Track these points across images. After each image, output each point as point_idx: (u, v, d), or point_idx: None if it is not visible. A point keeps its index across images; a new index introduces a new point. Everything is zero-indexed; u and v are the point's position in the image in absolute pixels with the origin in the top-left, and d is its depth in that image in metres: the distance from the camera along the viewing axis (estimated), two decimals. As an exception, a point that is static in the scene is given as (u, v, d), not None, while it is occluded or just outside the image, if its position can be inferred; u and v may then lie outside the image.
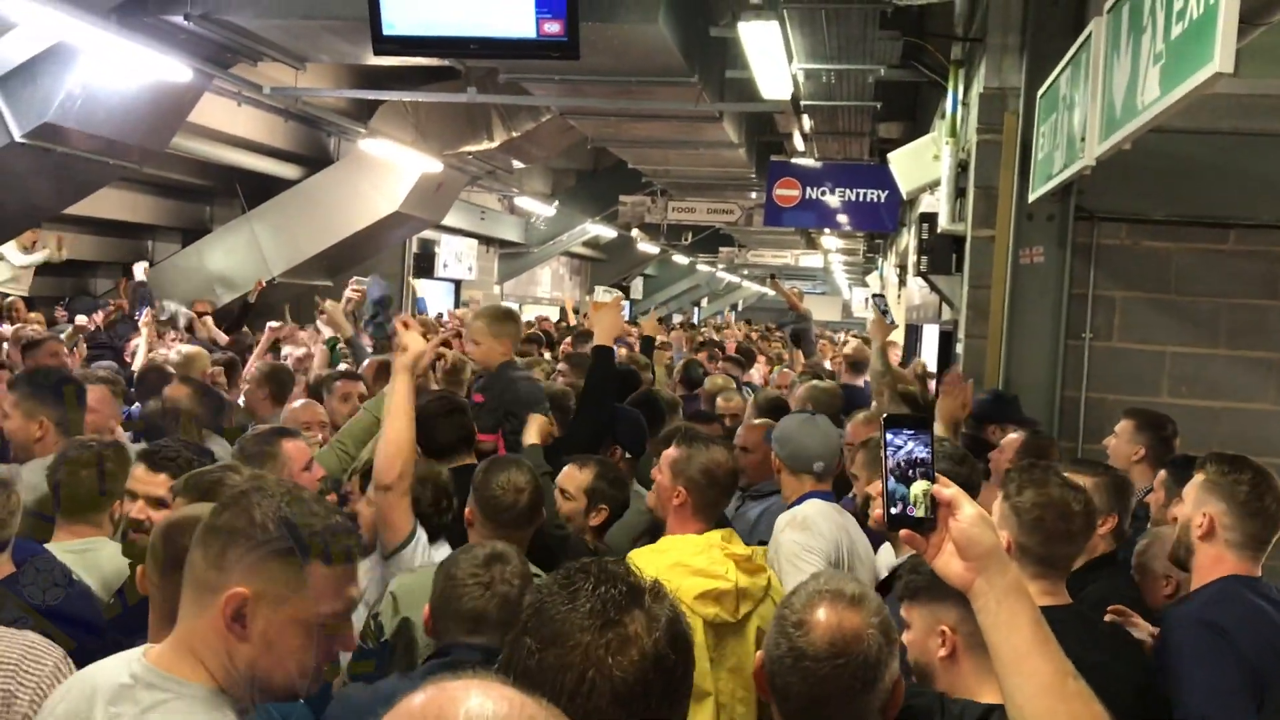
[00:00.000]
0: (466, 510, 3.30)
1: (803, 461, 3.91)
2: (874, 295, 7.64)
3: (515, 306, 16.87)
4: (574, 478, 3.72)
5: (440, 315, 14.98)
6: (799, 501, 3.78)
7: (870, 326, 6.21)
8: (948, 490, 1.61)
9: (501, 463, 3.33)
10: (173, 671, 1.74)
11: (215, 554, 1.73)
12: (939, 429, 5.66)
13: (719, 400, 6.21)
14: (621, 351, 5.92)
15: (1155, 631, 3.00)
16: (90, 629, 2.51)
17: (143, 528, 2.93)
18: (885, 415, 1.66)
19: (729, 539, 3.21)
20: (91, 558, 3.01)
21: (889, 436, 1.63)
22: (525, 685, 1.06)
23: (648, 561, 2.97)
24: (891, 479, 1.62)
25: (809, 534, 3.54)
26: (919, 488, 1.61)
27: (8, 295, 10.11)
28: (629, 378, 5.83)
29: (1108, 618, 3.05)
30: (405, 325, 3.61)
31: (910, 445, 1.63)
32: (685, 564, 3.02)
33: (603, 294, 4.68)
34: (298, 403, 5.46)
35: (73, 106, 8.01)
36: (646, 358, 7.15)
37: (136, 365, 7.12)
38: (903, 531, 1.61)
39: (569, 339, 9.62)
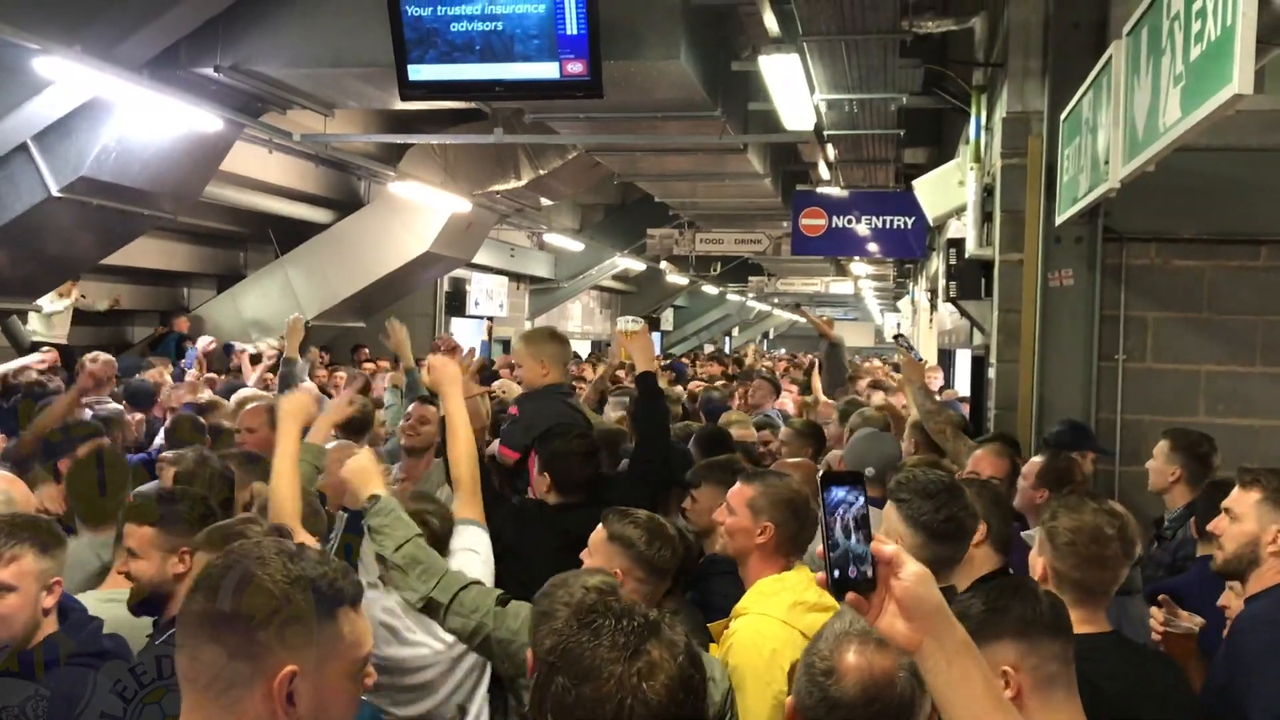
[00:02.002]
0: (619, 571, 3.04)
1: (858, 465, 4.49)
2: (896, 335, 7.61)
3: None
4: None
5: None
6: None
7: (903, 369, 6.18)
8: (888, 548, 1.54)
9: (657, 529, 3.15)
10: None
11: (240, 643, 1.59)
12: (911, 395, 5.69)
13: (734, 431, 6.19)
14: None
15: (1203, 622, 3.02)
16: None
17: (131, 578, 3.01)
18: (821, 475, 1.58)
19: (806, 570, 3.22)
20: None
21: (827, 496, 1.55)
22: None
23: (765, 606, 2.99)
24: (833, 541, 1.53)
25: None
26: (859, 548, 1.53)
27: (44, 344, 10.26)
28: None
29: (1155, 610, 3.03)
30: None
31: (849, 503, 1.55)
32: (802, 601, 3.00)
33: (628, 324, 4.67)
34: (332, 444, 5.50)
35: (108, 160, 8.16)
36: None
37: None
38: (849, 596, 1.54)
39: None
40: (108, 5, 7.29)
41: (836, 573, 1.53)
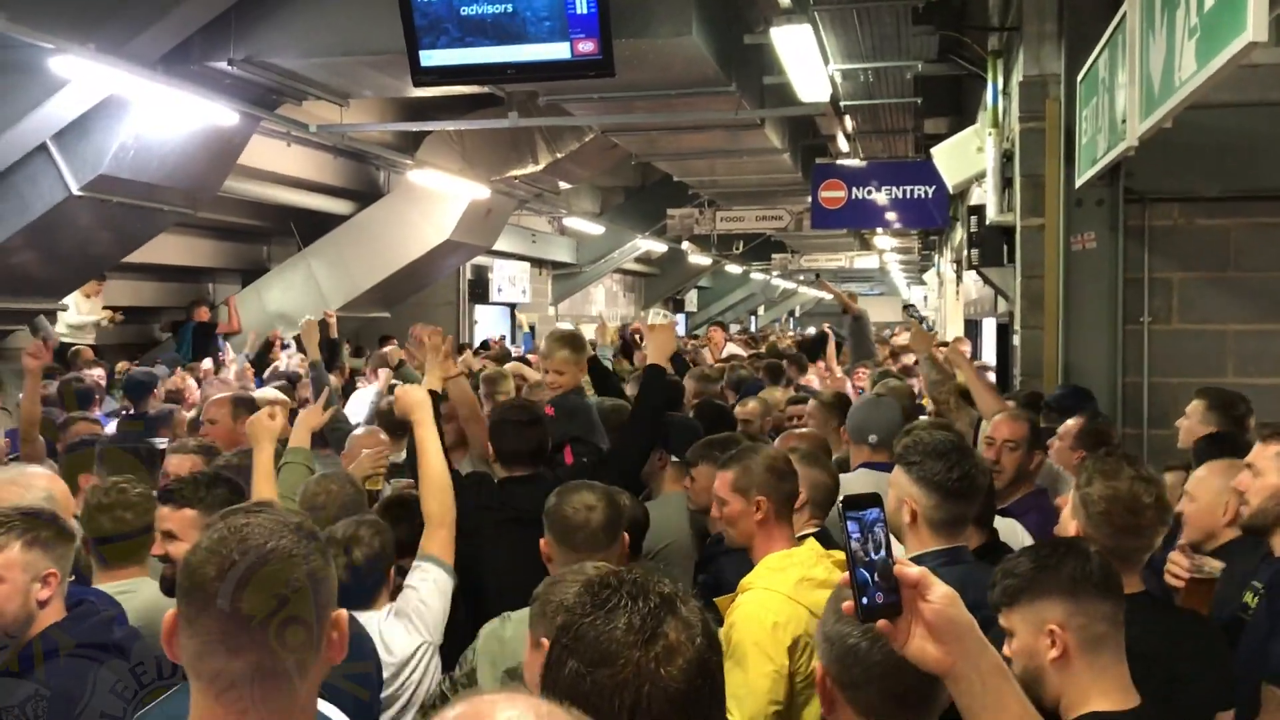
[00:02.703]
0: (542, 543, 3.18)
1: (860, 433, 4.65)
2: (906, 305, 7.61)
3: (570, 326, 16.98)
4: None
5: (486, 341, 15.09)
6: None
7: (911, 338, 6.14)
8: (913, 570, 1.49)
9: (573, 486, 3.24)
10: None
11: (303, 642, 1.58)
12: (922, 366, 5.66)
13: (736, 408, 6.19)
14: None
15: (1222, 566, 3.05)
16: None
17: (168, 560, 3.02)
18: (844, 498, 1.55)
19: (821, 544, 3.22)
20: (130, 599, 3.09)
21: (850, 523, 1.50)
22: (577, 706, 1.08)
23: (771, 581, 2.99)
24: (860, 568, 1.49)
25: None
26: (883, 572, 1.49)
27: (73, 345, 10.36)
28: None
29: (1176, 556, 3.01)
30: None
31: (871, 527, 1.50)
32: (809, 578, 2.99)
33: (656, 315, 4.71)
34: (361, 429, 5.53)
35: (126, 157, 8.20)
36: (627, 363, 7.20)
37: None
38: (880, 623, 1.50)
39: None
40: (120, 2, 7.32)
41: (865, 599, 1.49)
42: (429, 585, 3.35)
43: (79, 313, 11.09)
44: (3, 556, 2.53)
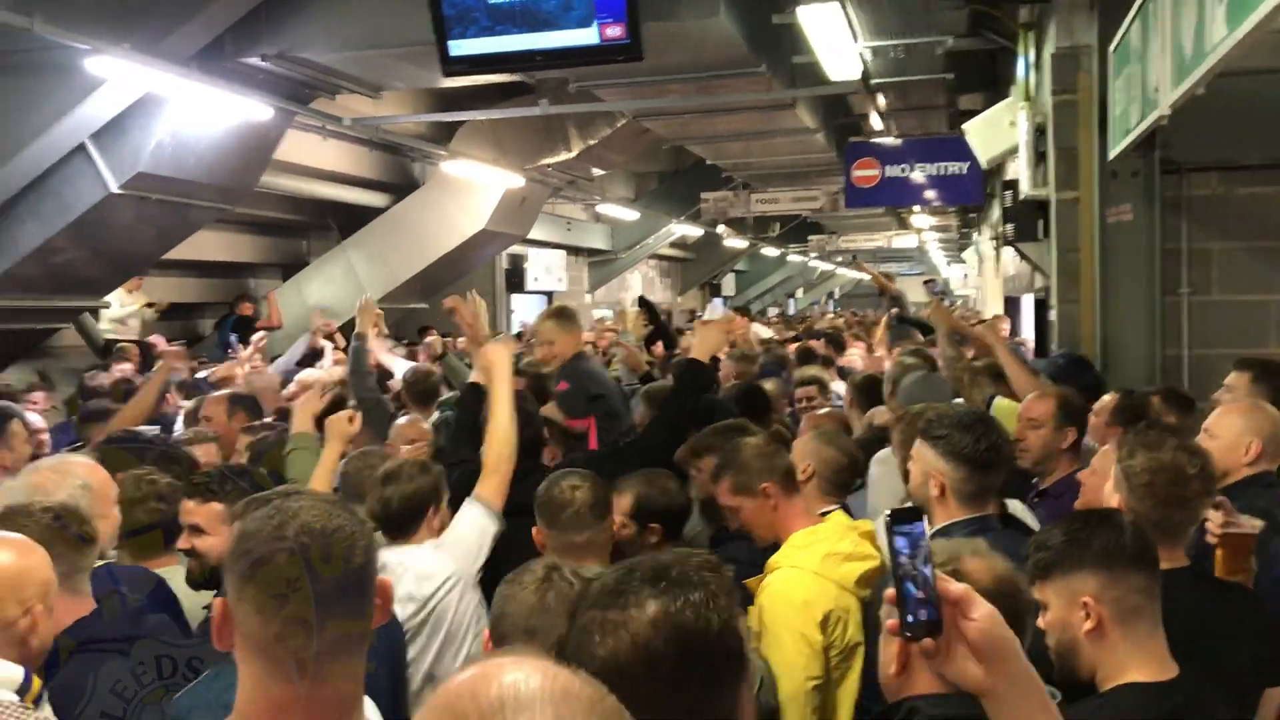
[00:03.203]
0: (535, 532, 3.24)
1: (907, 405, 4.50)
2: (926, 280, 7.56)
3: (609, 312, 17.05)
4: (615, 505, 3.56)
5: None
6: None
7: (931, 315, 6.07)
8: (954, 587, 1.45)
9: (560, 473, 3.32)
10: None
11: (370, 612, 1.66)
12: (939, 343, 5.62)
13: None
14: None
15: (1262, 524, 2.98)
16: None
17: (195, 554, 3.09)
18: (891, 512, 1.49)
19: (848, 517, 3.28)
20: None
21: (899, 538, 1.45)
22: None
23: (797, 559, 3.02)
24: (906, 583, 1.44)
25: (888, 467, 3.88)
26: (926, 588, 1.44)
27: (118, 341, 10.52)
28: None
29: (1212, 513, 2.97)
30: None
31: (919, 540, 1.45)
32: (836, 552, 3.03)
33: (713, 310, 4.72)
34: (403, 418, 5.58)
35: (164, 155, 8.31)
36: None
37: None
38: (925, 642, 1.45)
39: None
40: (153, 1, 7.41)
41: (910, 617, 1.44)
42: (466, 521, 3.53)
43: (121, 311, 11.26)
44: None
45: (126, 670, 2.38)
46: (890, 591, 1.46)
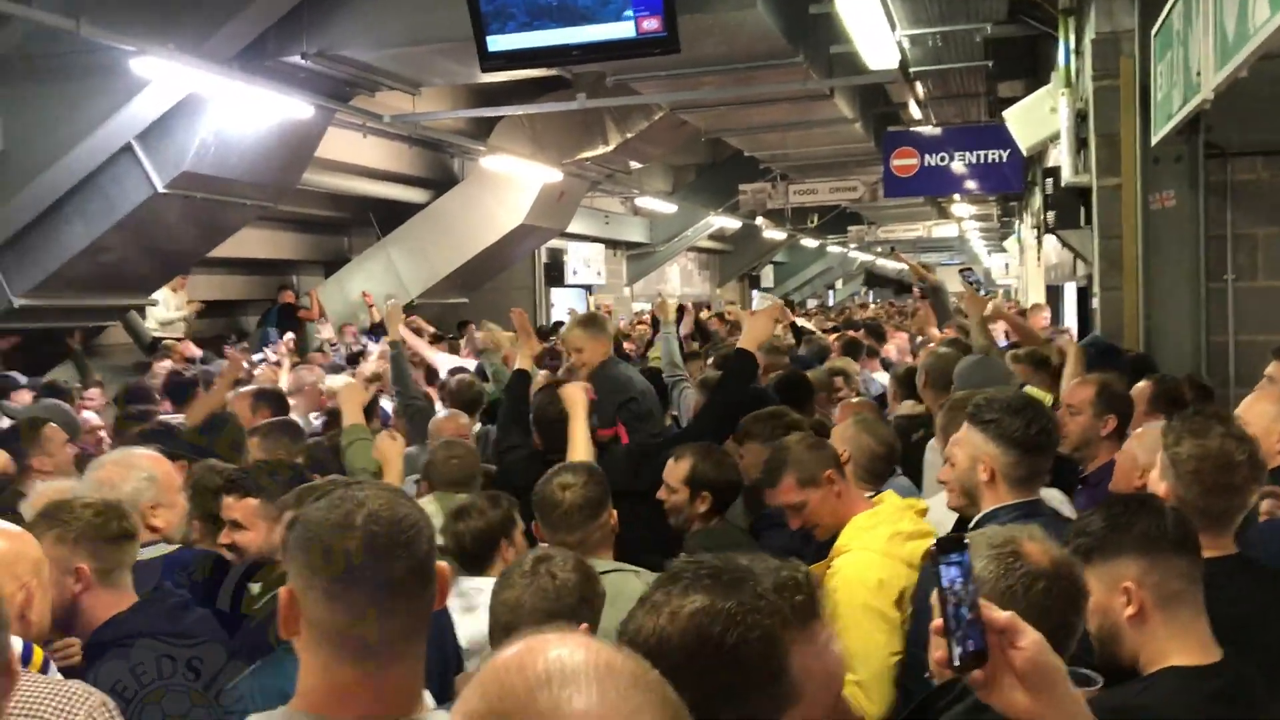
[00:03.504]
0: (534, 525, 3.30)
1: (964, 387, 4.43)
2: (962, 269, 7.50)
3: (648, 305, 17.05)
4: (672, 471, 3.72)
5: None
6: None
7: (966, 304, 6.03)
8: (1000, 615, 1.42)
9: (559, 468, 3.34)
10: None
11: (421, 590, 1.68)
12: (973, 332, 5.55)
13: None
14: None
15: None
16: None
17: (235, 549, 3.14)
18: (938, 541, 1.46)
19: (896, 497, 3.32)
20: None
21: (951, 567, 1.42)
22: None
23: (864, 541, 3.07)
24: (952, 614, 1.41)
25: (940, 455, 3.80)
26: (970, 618, 1.41)
27: (164, 339, 10.68)
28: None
29: (1266, 504, 2.94)
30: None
31: (966, 570, 1.43)
32: (899, 531, 3.09)
33: (760, 299, 4.73)
34: (443, 413, 5.63)
35: (207, 154, 8.43)
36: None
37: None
38: (975, 674, 1.41)
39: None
40: (195, 2, 7.52)
41: (959, 648, 1.41)
42: None
43: (167, 309, 11.43)
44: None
45: (126, 669, 2.40)
46: (938, 622, 1.43)
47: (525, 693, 0.96)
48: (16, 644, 2.18)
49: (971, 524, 2.93)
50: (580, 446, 4.06)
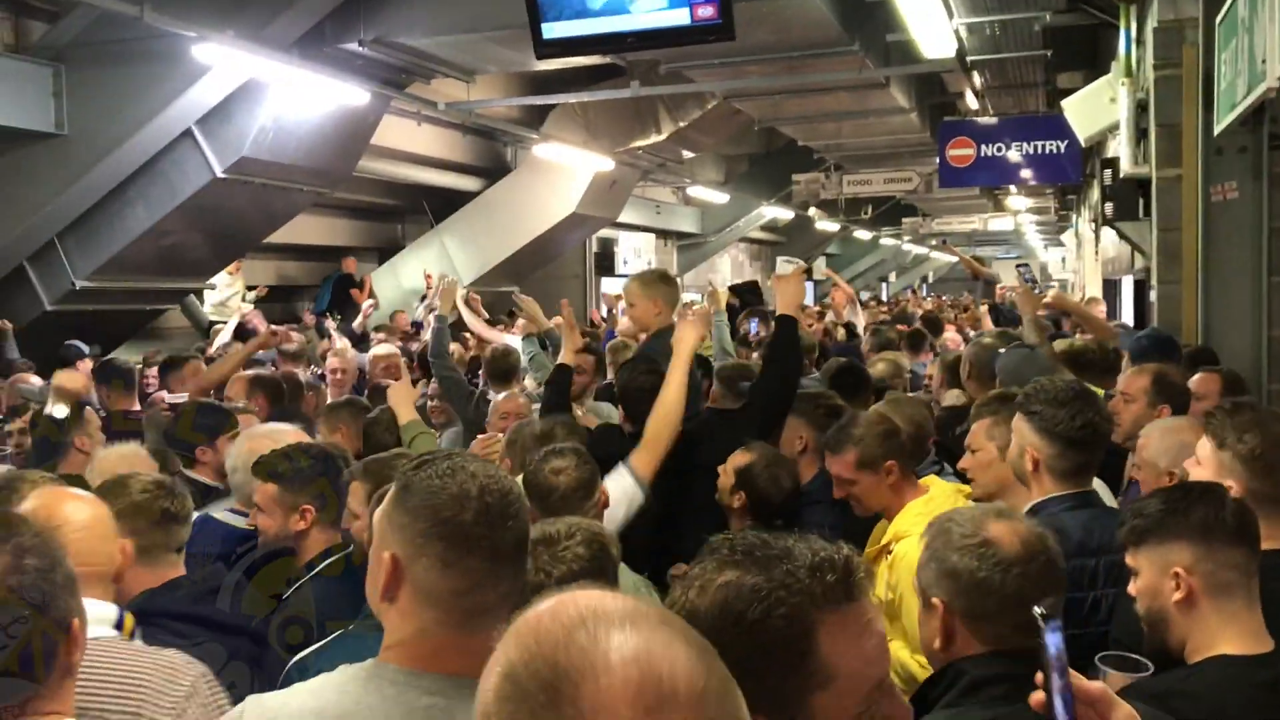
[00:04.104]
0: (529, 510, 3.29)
1: (1018, 381, 4.26)
2: (1019, 264, 7.42)
3: (699, 295, 17.03)
4: (734, 457, 3.68)
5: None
6: None
7: (1018, 298, 5.94)
8: (1093, 687, 1.40)
9: (550, 453, 3.28)
10: None
11: (521, 560, 1.74)
12: (1025, 328, 5.47)
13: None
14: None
15: None
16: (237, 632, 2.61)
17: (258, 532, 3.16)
18: (1043, 609, 1.42)
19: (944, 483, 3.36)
20: None
21: (1055, 634, 1.38)
22: None
23: (919, 526, 3.06)
24: (1058, 682, 1.38)
25: None
26: (1062, 689, 1.38)
27: (218, 322, 10.85)
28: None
29: None
30: None
31: (1059, 639, 1.40)
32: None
33: (784, 265, 4.60)
34: (502, 394, 5.66)
35: (266, 140, 8.55)
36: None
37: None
38: None
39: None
40: (254, -11, 7.64)
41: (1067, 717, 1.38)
42: (614, 488, 3.47)
43: (223, 293, 11.62)
44: None
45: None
46: (1039, 695, 1.41)
47: (563, 633, 0.99)
48: (111, 610, 2.25)
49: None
50: (674, 387, 3.90)
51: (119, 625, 2.24)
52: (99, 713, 1.97)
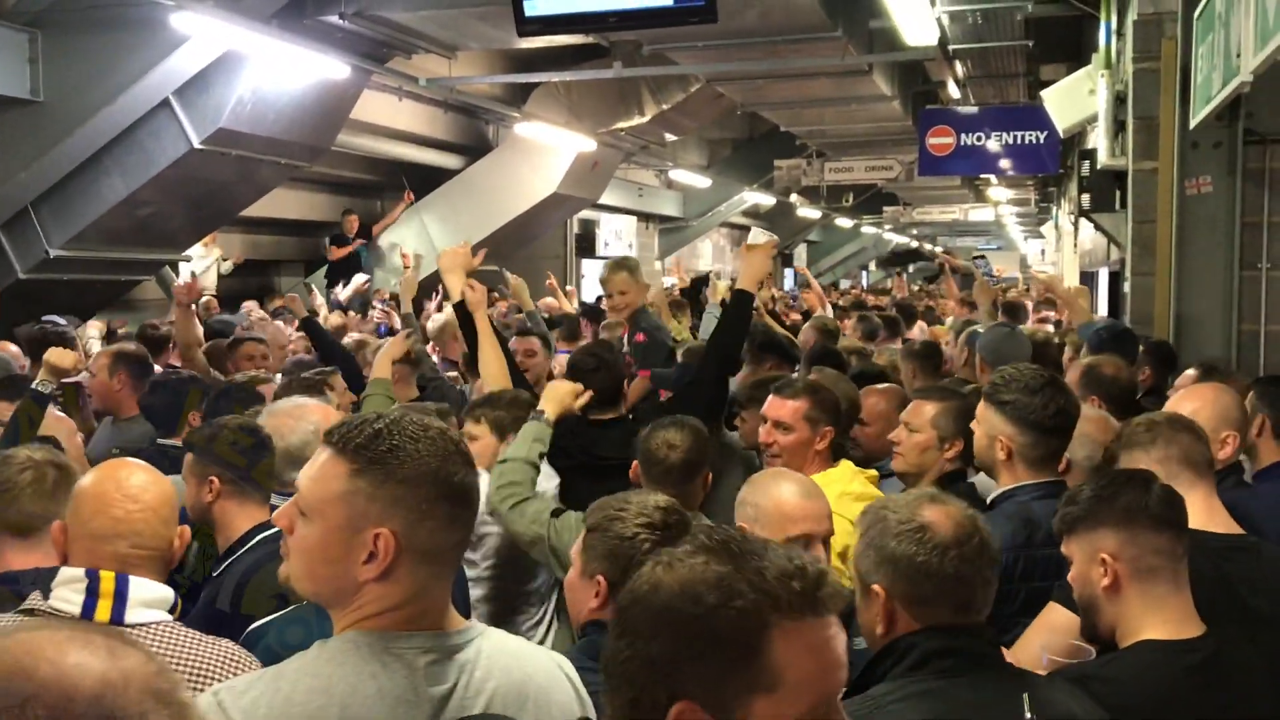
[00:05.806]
0: (634, 466, 3.32)
1: (1002, 360, 4.29)
2: (975, 256, 7.49)
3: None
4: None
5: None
6: None
7: (975, 292, 6.06)
8: None
9: (665, 422, 3.32)
10: None
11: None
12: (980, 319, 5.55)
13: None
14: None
15: None
16: None
17: None
18: None
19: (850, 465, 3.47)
20: None
21: None
22: None
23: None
24: None
25: None
26: None
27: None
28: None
29: None
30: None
31: None
32: (848, 492, 3.22)
33: (758, 234, 4.63)
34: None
35: (244, 111, 8.47)
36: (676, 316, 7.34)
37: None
38: None
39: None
40: (236, -41, 7.55)
41: None
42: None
43: (197, 265, 11.54)
44: None
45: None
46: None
47: None
48: (169, 593, 2.27)
49: (989, 501, 2.95)
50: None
51: (172, 608, 2.27)
52: None
